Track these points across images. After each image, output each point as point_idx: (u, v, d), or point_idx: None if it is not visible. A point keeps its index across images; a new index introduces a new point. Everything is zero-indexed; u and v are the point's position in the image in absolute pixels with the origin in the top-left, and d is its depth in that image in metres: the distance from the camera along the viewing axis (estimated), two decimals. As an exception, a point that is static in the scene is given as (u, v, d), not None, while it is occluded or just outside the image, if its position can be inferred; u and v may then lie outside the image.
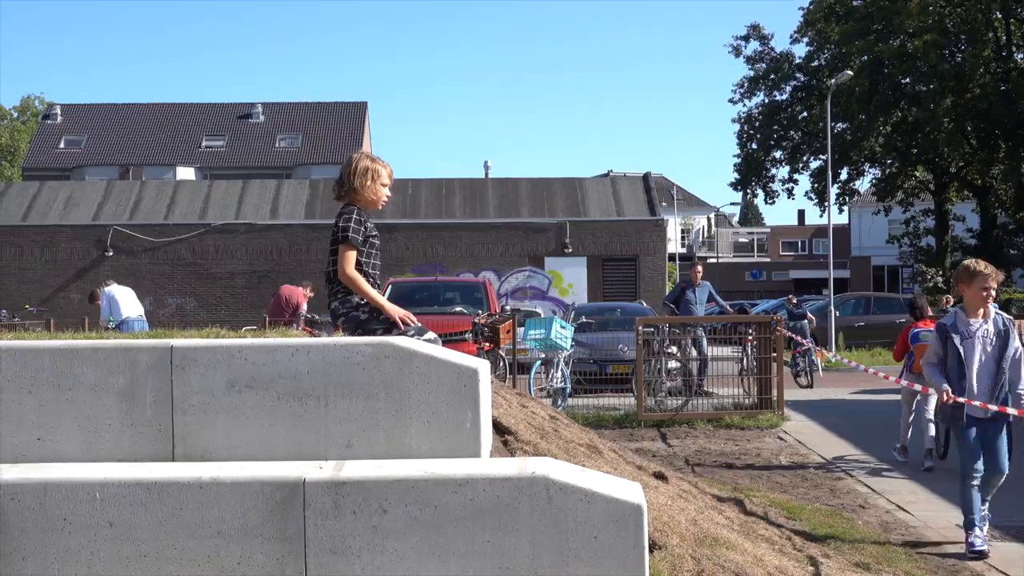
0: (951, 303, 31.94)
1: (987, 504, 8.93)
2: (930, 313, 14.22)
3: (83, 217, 39.37)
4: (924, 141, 48.48)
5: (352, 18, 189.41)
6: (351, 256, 6.83)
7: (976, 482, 8.67)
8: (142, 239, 38.17)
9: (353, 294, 6.87)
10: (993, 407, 8.67)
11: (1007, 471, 8.89)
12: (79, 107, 69.85)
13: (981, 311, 8.84)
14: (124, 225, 38.48)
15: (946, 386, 8.68)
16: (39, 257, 38.17)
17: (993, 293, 8.84)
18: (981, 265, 8.90)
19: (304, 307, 21.74)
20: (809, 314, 25.08)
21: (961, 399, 8.62)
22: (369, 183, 7.01)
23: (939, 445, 12.91)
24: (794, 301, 26.75)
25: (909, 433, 13.38)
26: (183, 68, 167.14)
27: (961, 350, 8.74)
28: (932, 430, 12.89)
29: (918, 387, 12.56)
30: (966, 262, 9.09)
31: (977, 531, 8.60)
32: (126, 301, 19.56)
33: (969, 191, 54.58)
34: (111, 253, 37.89)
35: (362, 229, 6.90)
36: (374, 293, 6.86)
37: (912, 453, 13.13)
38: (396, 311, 6.81)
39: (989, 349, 8.77)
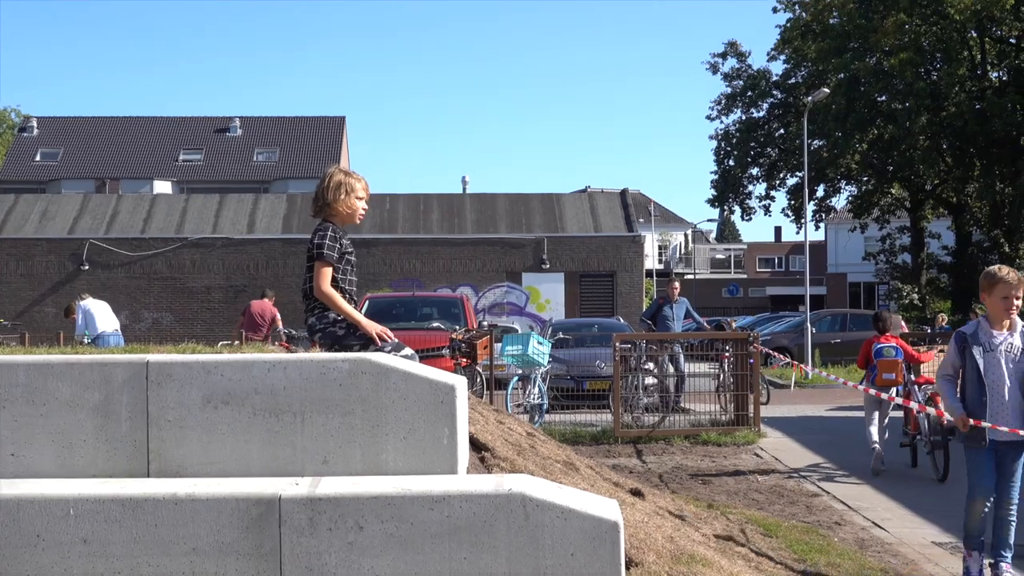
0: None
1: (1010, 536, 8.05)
2: (903, 328, 14.64)
3: (59, 230, 39.19)
4: (900, 159, 48.71)
5: (330, 33, 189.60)
6: (326, 273, 6.83)
7: (986, 507, 7.89)
8: (118, 253, 38.02)
9: (330, 310, 6.86)
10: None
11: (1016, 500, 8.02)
12: (55, 120, 69.59)
13: (1006, 322, 7.94)
14: (100, 239, 38.32)
15: (962, 414, 7.84)
16: (14, 270, 37.97)
17: (1018, 303, 7.88)
18: (1004, 271, 7.98)
19: (279, 319, 21.65)
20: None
21: (985, 423, 7.78)
22: (343, 197, 7.00)
23: (936, 465, 13.14)
24: (733, 324, 27.17)
25: (880, 438, 13.78)
26: (160, 81, 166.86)
27: (981, 363, 7.84)
28: (876, 436, 13.65)
29: (884, 395, 13.29)
30: (988, 268, 8.15)
31: (975, 555, 8.02)
32: (102, 315, 19.45)
33: (944, 208, 54.83)
34: (87, 267, 37.72)
35: (337, 246, 6.89)
36: (350, 309, 6.85)
37: (856, 461, 13.17)
38: (373, 327, 6.80)
39: (1012, 365, 7.85)
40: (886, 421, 13.98)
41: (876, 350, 13.84)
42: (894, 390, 13.54)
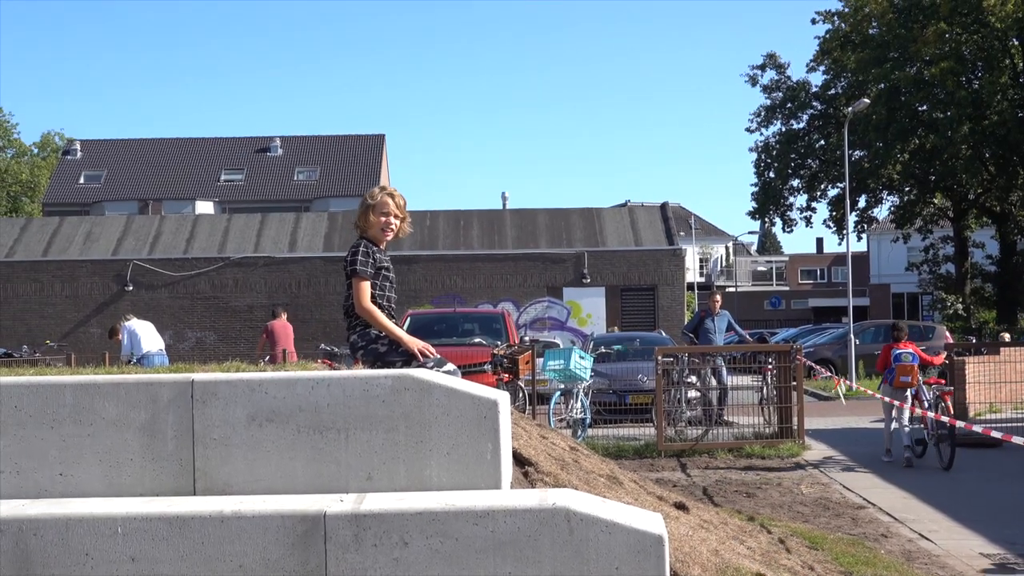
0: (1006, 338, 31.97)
1: None
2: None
3: (103, 252, 39.56)
4: (942, 168, 48.35)
5: (370, 51, 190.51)
6: (365, 287, 6.88)
7: None
8: (162, 273, 38.33)
9: (371, 327, 6.90)
10: None
11: None
12: (98, 143, 70.25)
13: None
14: (144, 259, 38.65)
15: None
16: (59, 292, 38.35)
17: None
18: None
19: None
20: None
21: None
22: (372, 217, 7.07)
23: (942, 458, 14.88)
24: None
25: (905, 438, 15.49)
26: (201, 103, 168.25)
27: None
28: (906, 437, 15.40)
29: (896, 401, 15.55)
30: None
31: None
32: (146, 335, 19.57)
33: (988, 217, 54.36)
34: (131, 288, 38.05)
35: (370, 261, 6.94)
36: (391, 325, 6.89)
37: (896, 471, 13.08)
38: (415, 343, 6.83)
39: None
40: (906, 419, 15.67)
41: (895, 355, 15.71)
42: (908, 394, 15.59)
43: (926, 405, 15.32)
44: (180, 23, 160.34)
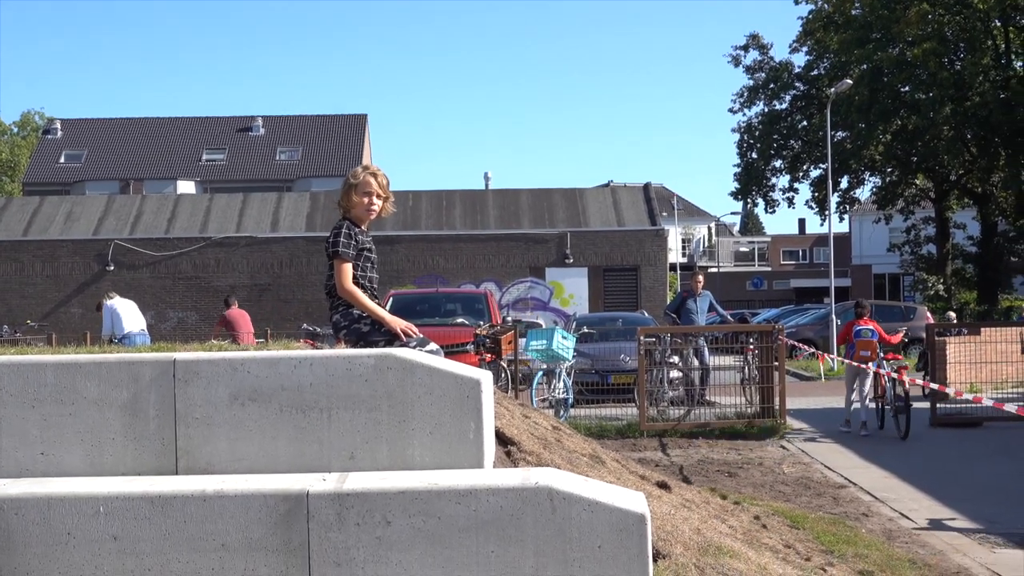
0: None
1: None
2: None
3: (84, 232, 39.42)
4: (924, 149, 48.47)
5: (351, 31, 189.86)
6: (346, 269, 6.87)
7: None
8: (143, 253, 38.23)
9: (354, 307, 6.90)
10: None
11: None
12: (79, 122, 69.96)
13: None
14: (125, 239, 38.53)
15: None
16: (40, 272, 38.22)
17: None
18: None
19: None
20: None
21: None
22: (355, 197, 7.04)
23: (899, 428, 15.78)
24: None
25: (851, 408, 16.86)
26: (183, 82, 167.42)
27: None
28: (864, 407, 16.51)
29: (866, 367, 16.51)
30: None
31: None
32: (128, 315, 19.49)
33: (969, 199, 54.54)
34: (112, 267, 37.93)
35: (352, 242, 6.92)
36: (373, 305, 6.88)
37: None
38: (397, 322, 6.82)
39: None
40: (867, 390, 16.83)
41: (856, 331, 16.99)
42: (871, 364, 16.53)
43: (885, 379, 16.25)
44: (162, 1, 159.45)
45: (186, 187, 60.44)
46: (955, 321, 30.05)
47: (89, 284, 37.69)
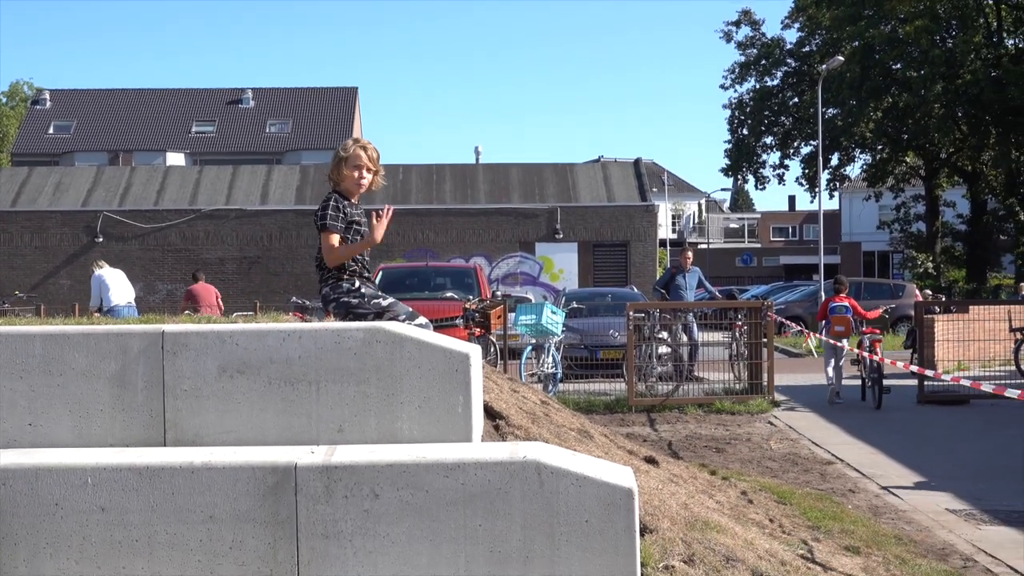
0: None
1: None
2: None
3: (73, 203, 39.27)
4: (915, 127, 48.51)
5: (343, 3, 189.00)
6: (334, 240, 6.87)
7: None
8: (132, 225, 38.11)
9: (343, 280, 6.91)
10: None
11: None
12: (68, 92, 69.64)
13: None
14: (114, 211, 38.40)
15: None
16: (29, 243, 38.09)
17: None
18: None
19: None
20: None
21: None
22: (345, 170, 7.04)
23: (875, 399, 16.63)
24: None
25: (837, 378, 17.42)
26: (173, 53, 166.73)
27: None
28: (836, 378, 17.39)
29: (841, 344, 17.20)
30: None
31: None
32: (116, 287, 19.38)
33: (959, 177, 54.63)
34: (101, 239, 37.82)
35: (340, 215, 6.92)
36: (361, 242, 6.96)
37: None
38: (379, 230, 6.90)
39: None
40: (842, 362, 17.62)
41: (831, 308, 17.59)
42: (845, 340, 17.27)
43: (866, 352, 16.80)
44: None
45: (175, 159, 60.21)
46: (932, 298, 30.17)
47: (78, 255, 37.58)
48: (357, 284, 6.97)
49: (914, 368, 15.65)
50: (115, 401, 5.82)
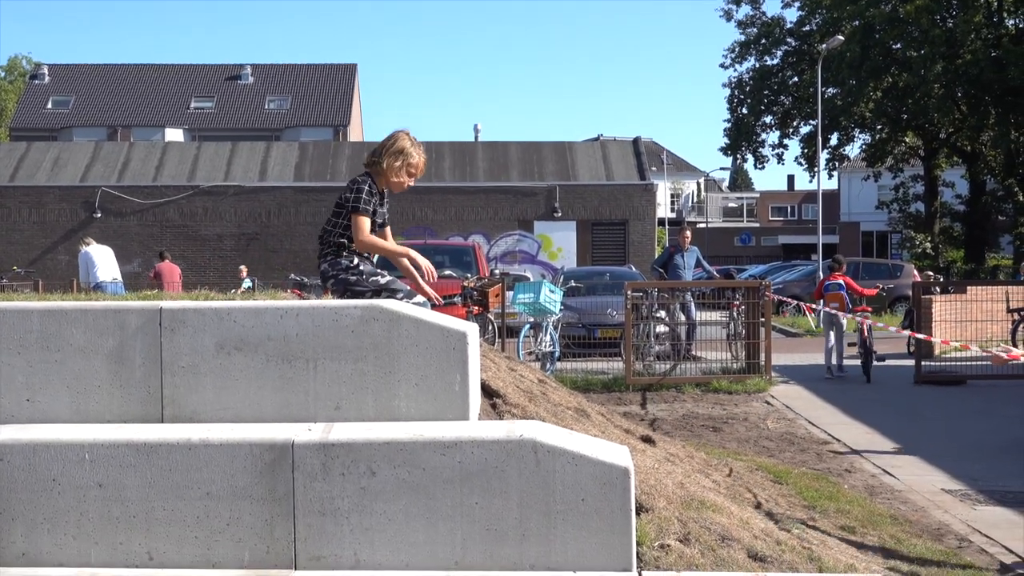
0: None
1: None
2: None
3: (71, 178, 39.19)
4: (914, 107, 48.40)
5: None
6: (364, 222, 6.92)
7: None
8: (131, 201, 38.05)
9: (342, 257, 6.91)
10: None
11: None
12: (67, 67, 69.44)
13: None
14: (112, 187, 38.33)
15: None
16: (27, 218, 38.04)
17: None
18: None
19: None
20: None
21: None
22: (397, 164, 7.09)
23: (865, 374, 17.47)
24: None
25: (833, 357, 18.20)
26: (172, 29, 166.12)
27: None
28: (834, 357, 18.17)
29: (837, 315, 17.88)
30: None
31: None
32: (103, 263, 19.41)
33: (958, 157, 54.52)
34: (99, 215, 37.77)
35: (373, 201, 6.96)
36: (392, 246, 7.11)
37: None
38: (419, 258, 7.01)
39: None
40: (840, 340, 18.24)
41: (826, 286, 18.46)
42: (842, 317, 17.96)
43: (864, 331, 17.48)
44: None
45: (174, 135, 60.10)
46: (932, 279, 30.19)
47: (76, 231, 37.49)
48: (356, 261, 6.97)
49: (906, 334, 16.18)
50: (113, 377, 5.83)
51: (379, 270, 7.09)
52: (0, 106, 78.46)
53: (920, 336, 16.85)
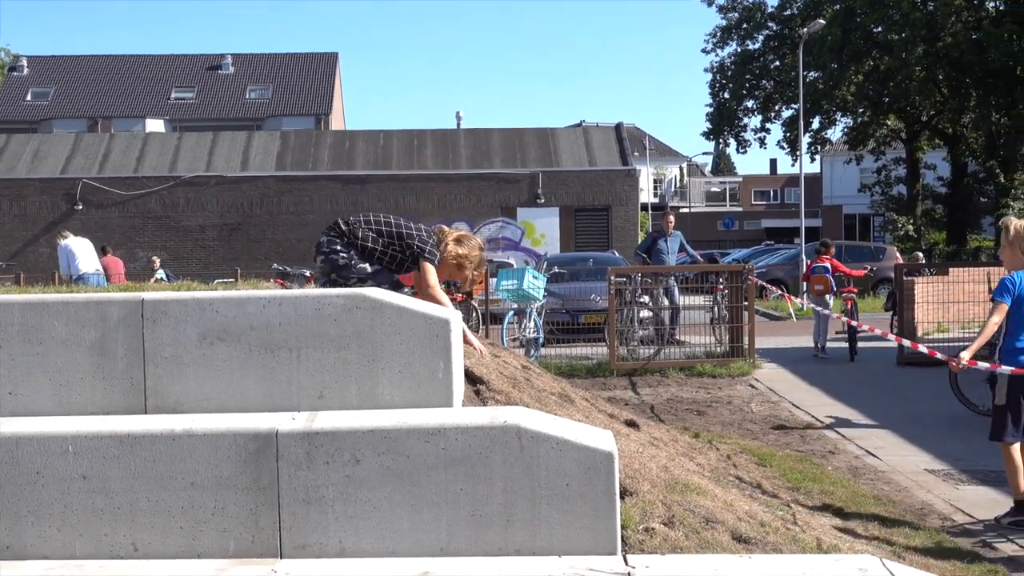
0: None
1: None
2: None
3: (51, 170, 39.07)
4: (896, 90, 48.44)
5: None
6: (431, 270, 7.25)
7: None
8: (112, 192, 37.93)
9: (338, 244, 7.10)
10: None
11: None
12: (46, 59, 69.10)
13: None
14: (93, 178, 38.22)
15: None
16: (7, 211, 37.91)
17: None
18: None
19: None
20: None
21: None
22: (456, 260, 7.61)
23: (850, 353, 17.92)
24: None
25: (823, 337, 18.59)
26: (152, 19, 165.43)
27: None
28: (822, 337, 18.60)
29: (824, 302, 18.30)
30: None
31: None
32: (83, 255, 19.38)
33: (940, 139, 54.64)
34: (80, 207, 37.65)
35: (436, 252, 7.42)
36: (446, 300, 7.18)
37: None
38: (477, 343, 7.45)
39: None
40: (827, 323, 18.66)
41: (813, 268, 18.96)
42: (828, 298, 18.55)
43: (844, 316, 17.70)
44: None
45: (155, 125, 59.90)
46: (922, 261, 30.21)
47: (57, 223, 37.36)
48: (352, 253, 7.11)
49: (892, 337, 15.68)
50: (95, 369, 5.82)
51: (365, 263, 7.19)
52: (-21, 99, 77.99)
53: (905, 342, 16.91)
